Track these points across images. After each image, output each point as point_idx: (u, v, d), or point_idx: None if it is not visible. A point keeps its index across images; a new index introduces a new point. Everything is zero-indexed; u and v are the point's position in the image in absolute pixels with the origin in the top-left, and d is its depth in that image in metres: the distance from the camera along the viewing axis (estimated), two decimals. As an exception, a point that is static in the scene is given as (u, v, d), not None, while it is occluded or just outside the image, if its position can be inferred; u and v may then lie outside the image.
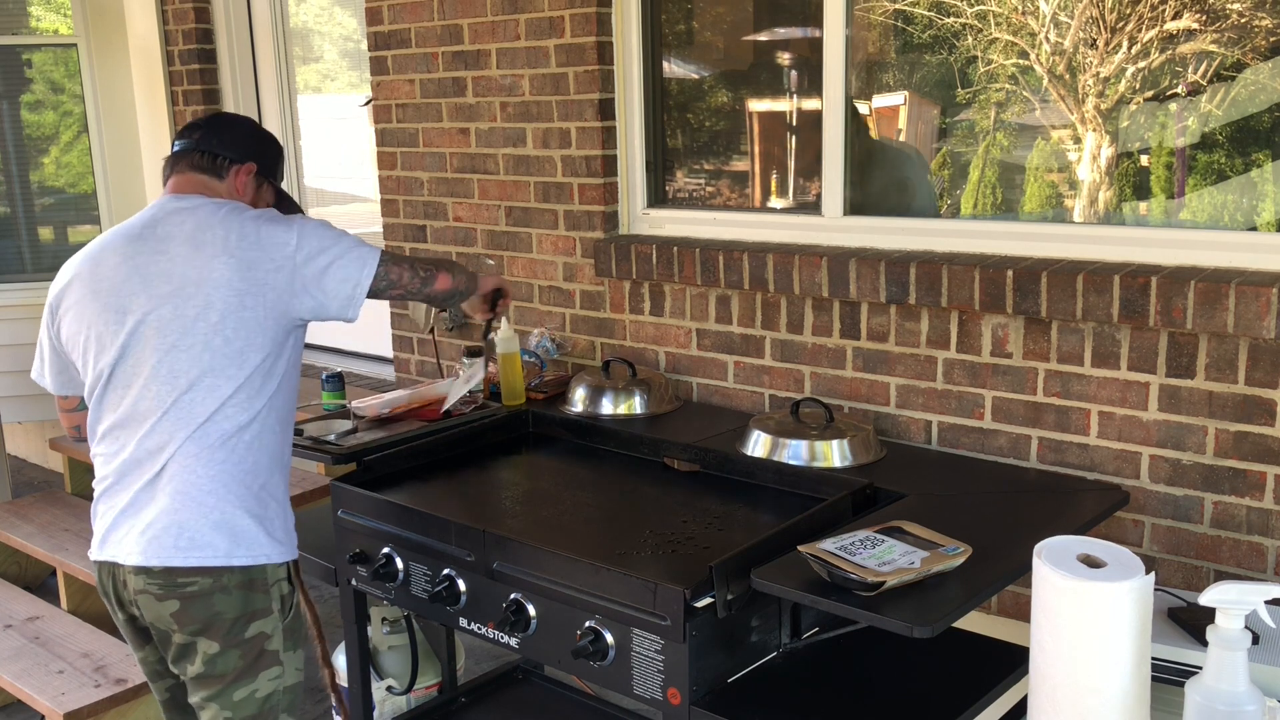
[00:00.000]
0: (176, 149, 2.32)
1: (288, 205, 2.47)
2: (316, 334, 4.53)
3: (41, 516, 4.31)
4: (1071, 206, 2.73)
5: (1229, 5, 2.41)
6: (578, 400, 3.01)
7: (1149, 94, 2.56)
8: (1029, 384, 2.59)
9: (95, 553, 2.18)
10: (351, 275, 2.18)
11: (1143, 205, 2.62)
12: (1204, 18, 2.45)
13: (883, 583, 1.79)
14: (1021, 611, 2.63)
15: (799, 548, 1.91)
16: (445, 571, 2.28)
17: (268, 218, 2.20)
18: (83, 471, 4.58)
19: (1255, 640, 1.73)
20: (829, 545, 1.90)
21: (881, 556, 1.86)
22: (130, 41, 4.96)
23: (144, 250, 2.15)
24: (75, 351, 2.21)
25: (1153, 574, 1.58)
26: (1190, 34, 2.47)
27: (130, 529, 2.11)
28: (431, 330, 3.82)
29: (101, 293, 2.15)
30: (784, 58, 3.19)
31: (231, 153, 2.33)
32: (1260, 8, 2.38)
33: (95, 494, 2.20)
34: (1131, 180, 2.63)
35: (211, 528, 2.10)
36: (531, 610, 2.13)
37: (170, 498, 2.09)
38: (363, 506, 2.45)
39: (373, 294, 2.23)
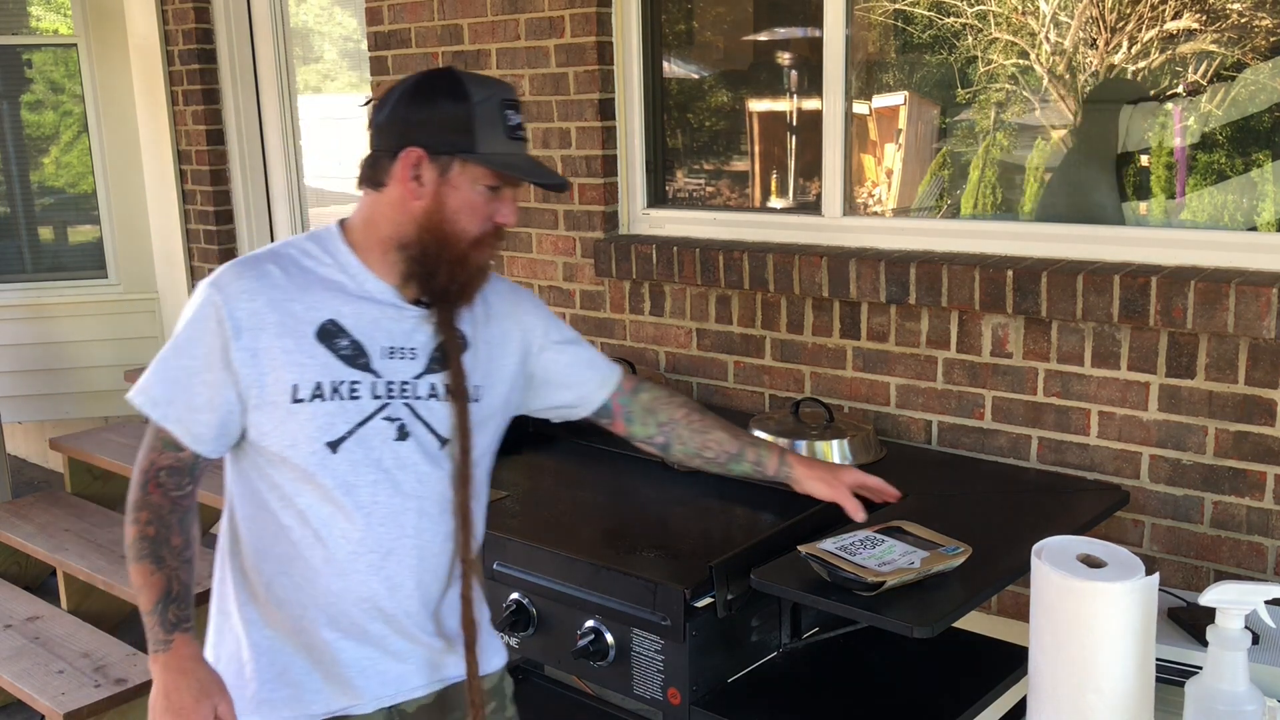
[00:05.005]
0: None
1: (538, 176, 1.66)
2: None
3: (41, 516, 4.31)
4: (1071, 206, 2.73)
5: (1229, 5, 2.41)
6: (578, 400, 3.00)
7: (1149, 94, 2.56)
8: (1029, 384, 2.58)
9: None
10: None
11: (1143, 205, 2.62)
12: (1204, 18, 2.45)
13: (883, 583, 1.79)
14: (1021, 611, 2.63)
15: (799, 548, 1.91)
16: (445, 571, 2.27)
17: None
18: (83, 471, 4.58)
19: (1255, 640, 1.73)
20: (829, 545, 1.90)
21: (881, 556, 1.86)
22: (130, 41, 4.96)
23: None
24: None
25: (1156, 574, 1.58)
26: (1190, 34, 2.47)
27: None
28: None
29: None
30: (784, 58, 3.19)
31: (386, 139, 1.61)
32: (1260, 8, 2.38)
33: None
34: (1131, 180, 2.63)
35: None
36: (532, 610, 2.12)
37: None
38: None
39: None
